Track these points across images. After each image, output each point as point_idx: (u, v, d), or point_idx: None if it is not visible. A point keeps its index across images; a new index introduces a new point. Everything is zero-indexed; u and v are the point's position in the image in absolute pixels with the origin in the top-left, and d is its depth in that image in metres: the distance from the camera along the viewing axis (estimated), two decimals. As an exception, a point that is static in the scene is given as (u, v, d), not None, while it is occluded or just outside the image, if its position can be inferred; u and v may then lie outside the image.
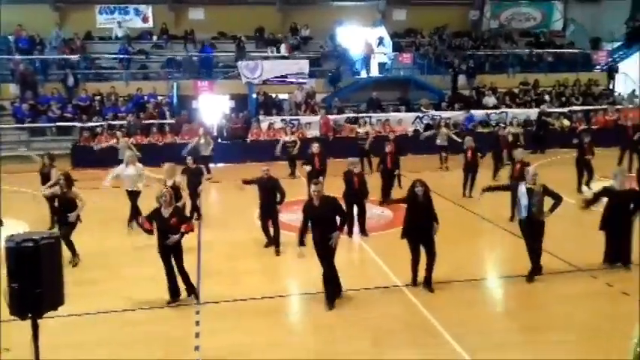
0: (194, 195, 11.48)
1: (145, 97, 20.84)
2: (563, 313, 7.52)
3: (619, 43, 25.69)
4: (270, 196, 9.87)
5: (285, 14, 24.90)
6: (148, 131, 19.18)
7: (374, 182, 12.84)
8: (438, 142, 17.41)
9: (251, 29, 24.17)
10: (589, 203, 9.19)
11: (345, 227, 10.78)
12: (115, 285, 8.54)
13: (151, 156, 14.30)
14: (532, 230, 8.52)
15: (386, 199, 12.23)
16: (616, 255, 8.98)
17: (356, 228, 11.03)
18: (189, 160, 11.73)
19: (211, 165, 16.46)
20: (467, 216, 12.32)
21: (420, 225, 8.05)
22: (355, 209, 10.84)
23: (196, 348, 6.72)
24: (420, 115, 21.08)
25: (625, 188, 8.96)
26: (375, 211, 12.23)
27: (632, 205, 8.85)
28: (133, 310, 7.71)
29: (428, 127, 20.32)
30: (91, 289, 8.28)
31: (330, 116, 20.49)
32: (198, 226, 11.09)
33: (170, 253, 7.70)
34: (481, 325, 7.24)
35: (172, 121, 19.86)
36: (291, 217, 11.37)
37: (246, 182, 10.47)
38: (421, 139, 18.17)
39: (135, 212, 10.54)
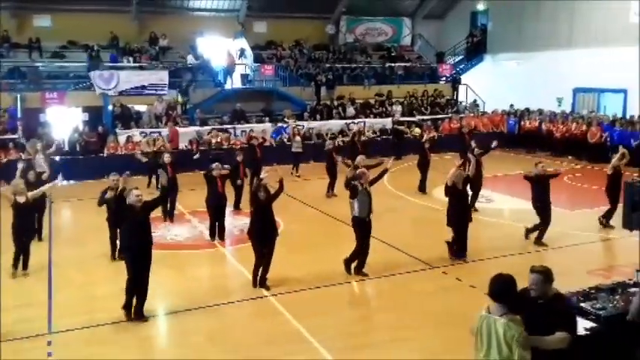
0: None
1: (-16, 111, 18.93)
2: (421, 309, 8.00)
3: (460, 57, 28.18)
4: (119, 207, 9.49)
5: (142, 23, 24.01)
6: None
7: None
8: (293, 149, 18.09)
9: (105, 38, 22.99)
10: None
11: (207, 233, 11.04)
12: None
13: None
14: (369, 228, 9.12)
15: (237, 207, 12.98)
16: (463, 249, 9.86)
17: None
18: (31, 175, 10.98)
19: (64, 182, 15.32)
20: (326, 220, 12.72)
21: (263, 227, 8.53)
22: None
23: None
24: (284, 125, 21.41)
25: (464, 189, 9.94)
26: (239, 222, 12.20)
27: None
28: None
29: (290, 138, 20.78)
30: None
31: (194, 128, 20.15)
32: (48, 248, 10.37)
33: None
34: (346, 327, 7.49)
35: (15, 136, 18.23)
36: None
37: (100, 203, 9.85)
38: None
39: None
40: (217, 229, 11.07)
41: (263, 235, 8.59)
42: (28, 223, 9.61)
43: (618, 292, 5.94)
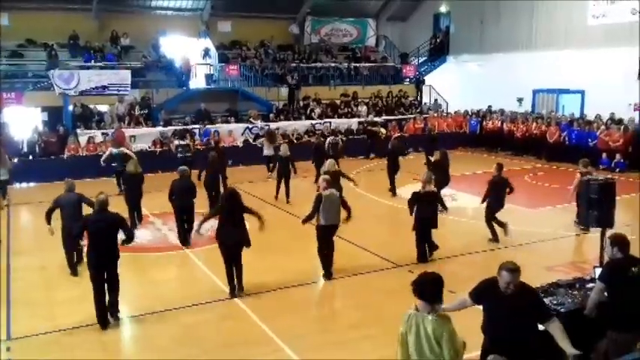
0: None
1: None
2: (386, 307, 7.97)
3: (424, 58, 28.56)
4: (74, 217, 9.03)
5: (103, 22, 23.53)
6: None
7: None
8: (265, 152, 17.93)
9: (64, 36, 22.47)
10: (410, 212, 9.88)
11: (175, 236, 10.91)
12: None
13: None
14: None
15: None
16: (425, 254, 9.87)
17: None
18: None
19: (24, 184, 15.18)
20: (290, 220, 12.69)
21: (231, 235, 8.26)
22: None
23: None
24: (250, 125, 21.31)
25: (428, 190, 9.89)
26: (206, 225, 12.04)
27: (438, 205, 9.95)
28: None
29: (257, 137, 20.66)
30: None
31: (157, 128, 19.89)
32: (6, 252, 10.09)
33: None
34: (312, 326, 7.53)
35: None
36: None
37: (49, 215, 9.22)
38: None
39: None
40: (185, 232, 10.96)
41: (229, 243, 8.32)
42: None
43: (576, 288, 6.12)
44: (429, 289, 4.25)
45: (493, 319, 4.73)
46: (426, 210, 9.73)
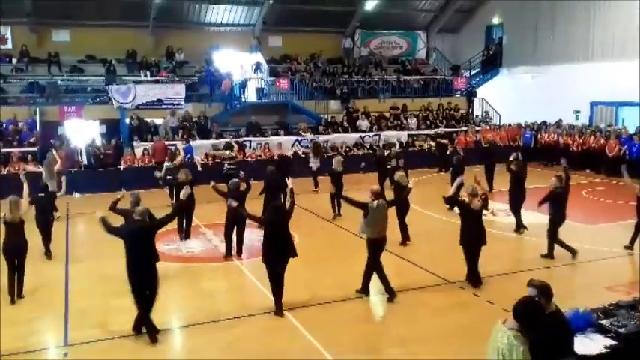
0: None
1: (4, 124, 19.26)
2: (435, 324, 7.92)
3: (476, 70, 28.12)
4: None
5: (159, 38, 24.34)
6: (7, 160, 17.70)
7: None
8: (312, 166, 17.74)
9: (122, 52, 23.34)
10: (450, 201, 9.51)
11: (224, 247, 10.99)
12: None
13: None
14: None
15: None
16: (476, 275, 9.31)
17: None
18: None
19: (77, 195, 15.99)
20: (340, 233, 12.65)
21: (277, 249, 8.13)
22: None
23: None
24: (299, 138, 21.47)
25: (477, 207, 9.10)
26: (256, 236, 12.18)
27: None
28: None
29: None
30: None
31: (209, 141, 20.28)
32: (65, 260, 10.44)
33: None
34: (360, 342, 7.44)
35: (34, 149, 18.42)
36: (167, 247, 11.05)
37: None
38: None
39: None
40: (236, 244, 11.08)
41: (275, 257, 8.17)
42: (20, 242, 8.76)
43: (639, 309, 5.83)
44: (520, 309, 4.35)
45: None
46: (471, 227, 9.08)
